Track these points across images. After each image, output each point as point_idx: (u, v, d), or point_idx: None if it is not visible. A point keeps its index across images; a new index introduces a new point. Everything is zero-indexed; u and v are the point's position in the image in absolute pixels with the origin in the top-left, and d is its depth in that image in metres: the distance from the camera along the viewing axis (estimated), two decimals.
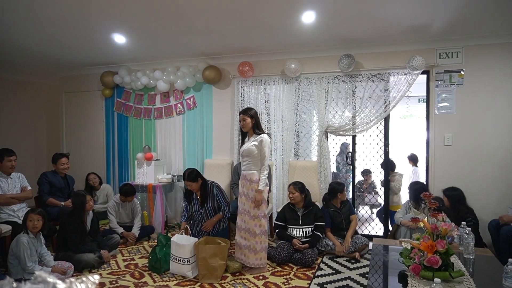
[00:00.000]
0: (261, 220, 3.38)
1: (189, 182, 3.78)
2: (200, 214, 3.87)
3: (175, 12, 3.33)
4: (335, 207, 4.01)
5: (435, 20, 3.51)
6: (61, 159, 4.40)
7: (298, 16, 3.44)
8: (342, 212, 4.00)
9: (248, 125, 3.41)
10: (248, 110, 3.44)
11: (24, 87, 6.42)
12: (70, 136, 6.14)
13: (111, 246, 3.97)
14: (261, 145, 3.32)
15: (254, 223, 3.37)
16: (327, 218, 3.94)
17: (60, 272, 3.19)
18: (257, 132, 3.41)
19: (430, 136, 4.24)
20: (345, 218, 3.99)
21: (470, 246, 2.54)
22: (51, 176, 4.32)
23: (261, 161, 3.36)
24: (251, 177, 3.37)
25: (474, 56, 4.03)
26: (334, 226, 3.96)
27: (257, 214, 3.37)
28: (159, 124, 5.44)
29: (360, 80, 4.39)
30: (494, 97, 3.98)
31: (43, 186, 4.24)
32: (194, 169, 3.87)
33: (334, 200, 4.03)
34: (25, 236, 3.11)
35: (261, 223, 3.38)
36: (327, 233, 3.94)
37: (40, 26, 3.71)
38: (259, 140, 3.32)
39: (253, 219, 3.37)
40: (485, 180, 4.00)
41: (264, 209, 3.40)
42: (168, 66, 5.16)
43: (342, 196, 4.03)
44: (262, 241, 3.39)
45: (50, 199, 4.20)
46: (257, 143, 3.33)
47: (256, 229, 3.36)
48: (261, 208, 3.37)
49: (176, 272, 3.39)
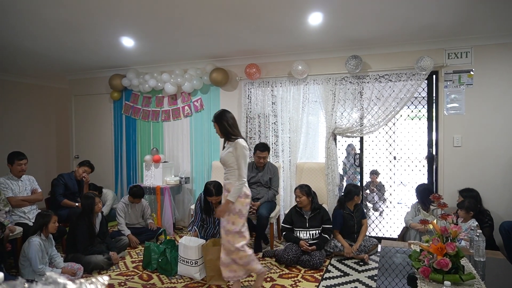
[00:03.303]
0: (235, 236, 2.87)
1: (216, 197, 3.66)
2: (212, 222, 3.89)
3: (182, 15, 3.36)
4: (349, 210, 3.99)
5: (443, 19, 3.47)
6: (83, 167, 4.57)
7: (305, 18, 3.44)
8: (355, 216, 3.98)
9: (218, 131, 3.02)
10: (216, 114, 3.03)
11: (33, 91, 6.52)
12: (80, 138, 6.21)
13: (120, 248, 4.00)
14: (235, 152, 2.86)
15: (227, 239, 2.89)
16: (339, 219, 3.92)
17: (70, 274, 3.23)
18: (232, 138, 2.94)
19: (439, 137, 4.19)
20: (357, 222, 3.97)
21: (481, 249, 2.51)
22: (67, 179, 4.39)
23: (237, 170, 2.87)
24: (229, 187, 2.92)
25: (483, 56, 3.98)
26: (345, 229, 3.94)
27: (231, 229, 2.87)
28: (167, 127, 5.48)
29: (368, 81, 4.37)
30: (504, 97, 3.92)
31: (58, 188, 4.29)
32: (217, 181, 3.72)
33: (349, 203, 4.00)
34: (37, 238, 3.16)
35: (234, 239, 2.87)
36: (336, 234, 3.91)
37: (48, 30, 3.76)
38: (234, 147, 2.88)
39: (227, 234, 2.90)
40: (496, 181, 3.95)
41: (241, 225, 2.88)
42: (175, 68, 5.20)
43: (358, 199, 4.02)
44: (242, 257, 2.90)
45: (65, 200, 4.26)
46: (232, 150, 2.89)
47: (229, 246, 2.88)
48: (236, 223, 2.86)
49: (184, 274, 3.40)
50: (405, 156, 4.97)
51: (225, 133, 2.97)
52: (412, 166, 4.89)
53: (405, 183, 6.89)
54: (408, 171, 4.96)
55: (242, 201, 2.88)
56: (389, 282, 2.31)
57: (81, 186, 4.54)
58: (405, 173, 5.69)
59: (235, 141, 2.89)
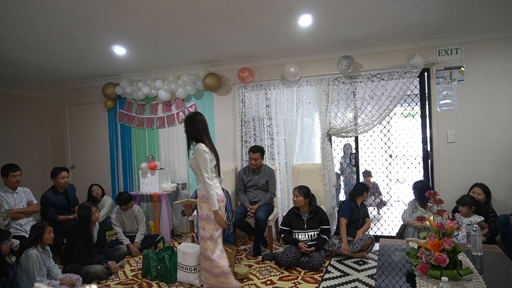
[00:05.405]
0: (207, 242, 2.86)
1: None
2: None
3: (173, 21, 3.37)
4: (357, 205, 4.06)
5: (431, 16, 3.50)
6: (61, 172, 4.25)
7: (295, 20, 3.46)
8: (362, 211, 4.06)
9: (186, 132, 3.00)
10: (187, 115, 3.00)
11: (27, 102, 6.50)
12: (75, 148, 6.19)
13: (118, 257, 3.98)
14: (195, 156, 2.84)
15: (202, 245, 2.91)
16: (348, 209, 3.97)
17: (69, 285, 3.20)
18: (195, 142, 2.91)
19: (433, 134, 4.22)
20: (362, 218, 4.04)
21: (478, 243, 2.52)
22: (52, 197, 4.17)
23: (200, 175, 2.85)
24: (199, 192, 2.94)
25: (473, 51, 4.02)
26: (351, 221, 3.99)
27: (203, 235, 2.89)
28: (162, 133, 5.47)
29: (360, 81, 4.39)
30: (496, 92, 3.96)
31: (48, 209, 4.11)
32: None
33: (359, 198, 4.08)
34: (34, 250, 3.13)
35: (207, 246, 2.86)
36: (342, 224, 3.94)
37: (40, 40, 3.76)
38: (195, 152, 2.86)
39: (201, 240, 2.92)
40: (491, 176, 3.96)
41: (211, 230, 2.86)
42: (168, 75, 5.20)
43: (366, 196, 4.13)
44: (215, 266, 2.85)
45: (60, 217, 4.16)
46: (194, 155, 2.87)
47: (205, 252, 2.87)
48: (206, 228, 2.86)
49: (184, 281, 3.39)
50: (401, 154, 5.00)
51: (190, 135, 2.94)
52: (408, 164, 4.91)
53: (401, 181, 6.92)
54: (404, 168, 4.99)
55: (209, 206, 2.83)
56: (389, 280, 2.31)
57: (67, 194, 4.35)
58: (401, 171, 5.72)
59: (196, 145, 2.86)
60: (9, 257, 3.03)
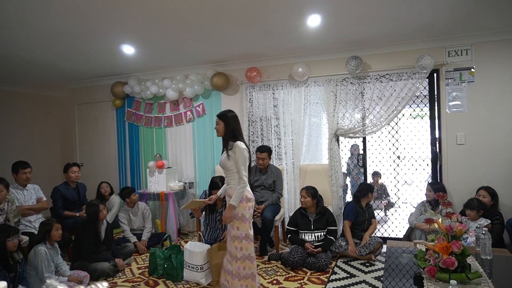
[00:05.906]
0: (242, 242, 2.82)
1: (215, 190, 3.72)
2: (217, 221, 3.89)
3: (182, 20, 3.38)
4: (362, 206, 4.04)
5: (441, 17, 3.47)
6: (72, 167, 4.42)
7: (304, 20, 3.45)
8: (368, 212, 4.03)
9: (220, 130, 2.91)
10: (223, 112, 2.96)
11: (36, 101, 6.57)
12: (83, 146, 6.25)
13: (126, 255, 4.01)
14: (234, 155, 2.80)
15: (234, 245, 2.84)
16: (353, 211, 3.96)
17: (77, 281, 3.23)
18: (232, 140, 2.86)
19: (442, 135, 4.18)
20: (367, 219, 4.01)
21: (487, 247, 2.49)
22: (64, 190, 4.32)
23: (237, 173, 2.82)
24: (230, 192, 2.88)
25: (484, 53, 3.97)
26: (356, 224, 3.97)
27: (237, 234, 2.83)
28: (170, 132, 5.50)
29: (369, 82, 4.36)
30: (506, 93, 3.90)
31: (56, 202, 4.25)
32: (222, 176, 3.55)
33: (363, 199, 4.05)
34: (43, 246, 3.17)
35: (242, 245, 2.82)
36: (346, 227, 3.92)
37: (49, 40, 3.80)
38: (233, 150, 2.80)
39: (233, 240, 2.85)
40: (501, 178, 3.91)
41: (246, 229, 2.83)
42: (176, 74, 5.22)
43: (371, 197, 4.11)
44: (247, 267, 2.83)
45: (65, 212, 4.24)
46: (231, 153, 2.82)
47: (237, 252, 2.83)
48: (241, 228, 2.82)
49: (190, 280, 3.40)
50: (409, 155, 4.96)
51: (228, 134, 2.87)
52: (416, 165, 4.87)
53: (409, 183, 6.86)
54: (412, 170, 4.94)
55: (244, 205, 2.81)
56: (396, 282, 2.29)
57: (79, 190, 4.49)
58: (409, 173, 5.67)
59: (234, 143, 2.82)
60: (17, 253, 3.07)
